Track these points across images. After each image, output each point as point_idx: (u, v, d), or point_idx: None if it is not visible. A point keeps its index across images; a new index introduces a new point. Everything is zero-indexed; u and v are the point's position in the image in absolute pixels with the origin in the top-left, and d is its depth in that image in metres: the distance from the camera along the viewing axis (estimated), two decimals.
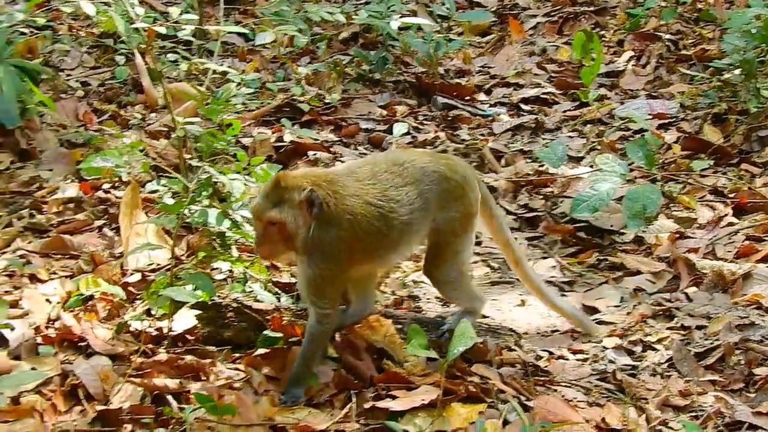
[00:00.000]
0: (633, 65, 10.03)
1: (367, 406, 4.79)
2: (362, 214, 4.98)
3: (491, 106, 9.44)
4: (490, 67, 10.37)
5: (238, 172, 5.75)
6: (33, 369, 4.91)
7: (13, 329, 5.29)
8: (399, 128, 8.53)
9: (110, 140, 7.25)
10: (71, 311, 5.53)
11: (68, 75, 9.49)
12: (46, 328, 5.40)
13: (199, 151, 5.76)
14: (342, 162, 7.84)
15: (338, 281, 5.05)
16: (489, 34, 11.17)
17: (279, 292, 5.75)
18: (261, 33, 7.65)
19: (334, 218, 4.90)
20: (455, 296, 5.48)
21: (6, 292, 5.76)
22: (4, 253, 6.27)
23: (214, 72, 5.98)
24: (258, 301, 5.52)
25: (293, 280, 5.95)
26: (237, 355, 5.27)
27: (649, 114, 8.73)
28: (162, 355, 5.16)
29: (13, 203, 6.95)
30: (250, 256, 5.89)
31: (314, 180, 4.94)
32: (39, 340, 5.26)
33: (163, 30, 5.77)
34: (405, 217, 5.08)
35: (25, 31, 8.87)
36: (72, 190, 7.05)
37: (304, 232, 4.90)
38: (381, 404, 4.79)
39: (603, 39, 10.49)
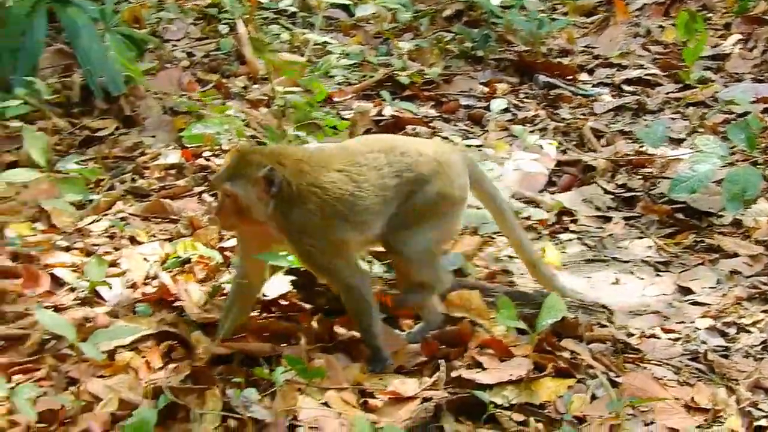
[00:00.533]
0: (740, 49, 9.90)
1: (455, 375, 4.81)
2: (330, 182, 4.88)
3: (593, 86, 9.37)
4: (593, 48, 10.31)
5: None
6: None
7: (111, 287, 5.42)
8: (497, 104, 8.50)
9: (212, 109, 7.32)
10: (169, 272, 5.63)
11: (174, 45, 9.64)
12: (144, 285, 5.51)
13: (296, 120, 5.83)
14: (442, 137, 7.88)
15: (339, 251, 4.94)
16: (594, 15, 11.10)
17: (372, 260, 5.78)
18: (362, 5, 7.69)
19: (298, 196, 4.82)
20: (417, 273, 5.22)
21: (106, 252, 5.88)
22: (105, 215, 6.40)
23: (315, 44, 6.03)
24: None
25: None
26: (331, 321, 5.32)
27: (755, 98, 8.60)
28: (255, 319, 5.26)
29: (116, 167, 7.08)
30: None
31: (278, 158, 4.87)
32: (137, 296, 5.38)
33: (265, 0, 5.83)
34: (377, 181, 4.97)
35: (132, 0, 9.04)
36: (174, 156, 7.16)
37: (260, 209, 4.82)
38: (469, 374, 4.81)
39: (710, 22, 10.38)
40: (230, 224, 5.02)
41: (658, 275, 6.24)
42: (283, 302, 5.36)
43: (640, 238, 6.73)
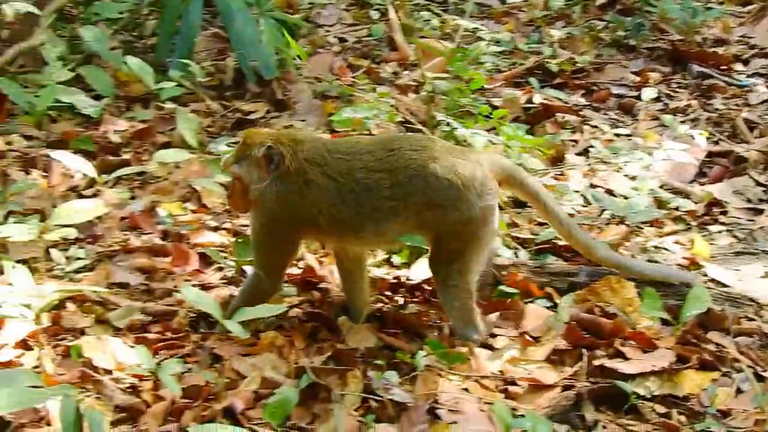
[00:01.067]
0: None
1: (597, 363, 4.78)
2: (315, 183, 4.86)
3: (748, 76, 9.17)
4: (749, 38, 10.07)
5: (488, 130, 5.79)
6: None
7: None
8: (648, 93, 8.38)
9: (362, 93, 7.38)
10: (314, 253, 5.69)
11: (326, 30, 9.73)
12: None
13: (445, 106, 5.84)
14: (591, 126, 7.82)
15: (279, 245, 4.98)
16: (750, 4, 10.86)
17: (518, 247, 5.78)
18: None
19: (289, 176, 4.86)
20: (450, 306, 5.02)
21: None
22: None
23: (466, 30, 6.03)
24: (496, 255, 5.56)
25: (532, 235, 5.98)
26: None
27: None
28: (399, 303, 5.30)
29: None
30: None
31: (278, 138, 4.93)
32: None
33: None
34: (369, 202, 4.85)
35: None
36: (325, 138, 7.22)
37: (257, 188, 4.92)
38: (612, 364, 4.77)
39: None
40: (240, 206, 5.12)
41: None
42: (427, 287, 5.38)
43: None
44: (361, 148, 4.97)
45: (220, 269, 5.64)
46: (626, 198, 6.41)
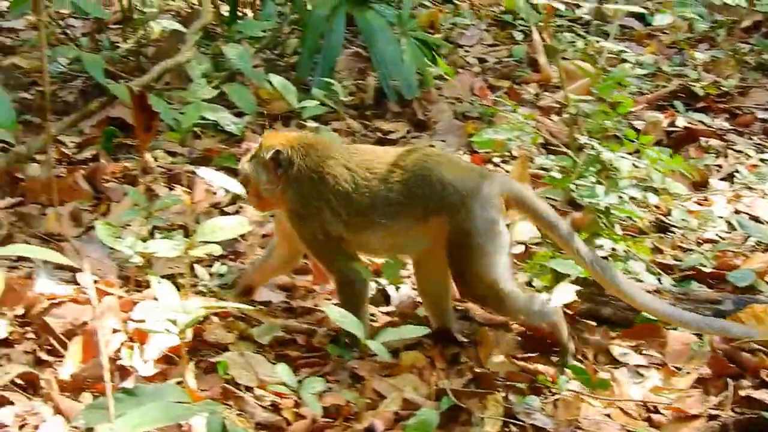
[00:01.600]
0: None
1: (743, 394, 4.67)
2: (331, 174, 4.97)
3: None
4: None
5: (630, 153, 5.71)
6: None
7: (398, 289, 5.50)
8: None
9: (503, 114, 7.33)
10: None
11: (466, 51, 9.72)
12: None
13: (589, 129, 5.77)
14: (736, 151, 7.68)
15: (329, 243, 5.01)
16: None
17: (661, 273, 5.68)
18: (659, 14, 7.53)
19: (303, 177, 4.97)
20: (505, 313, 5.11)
21: None
22: None
23: (609, 52, 5.96)
24: (639, 280, 5.48)
25: (675, 261, 5.89)
26: (613, 334, 5.26)
27: None
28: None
29: None
30: (633, 236, 5.85)
31: (290, 141, 5.03)
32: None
33: (561, 7, 5.81)
34: (381, 193, 4.94)
35: (428, 4, 9.16)
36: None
37: (270, 189, 5.04)
38: (759, 395, 4.65)
39: None
40: (257, 204, 5.20)
41: None
42: (568, 311, 5.32)
43: None
44: (378, 149, 5.25)
45: None
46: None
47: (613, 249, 5.68)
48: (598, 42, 6.10)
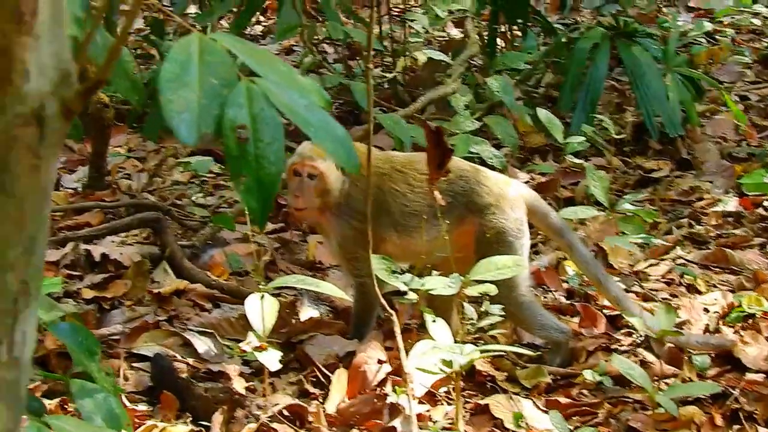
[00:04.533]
0: None
1: None
2: (386, 175, 5.15)
3: None
4: None
5: None
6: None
7: (682, 335, 5.24)
8: None
9: None
10: (730, 326, 5.40)
11: (727, 88, 9.39)
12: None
13: None
14: None
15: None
16: None
17: None
18: None
19: (361, 176, 4.90)
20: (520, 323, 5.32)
21: (663, 298, 5.74)
22: (662, 259, 6.26)
23: None
24: None
25: None
26: None
27: None
28: None
29: (672, 211, 6.95)
30: None
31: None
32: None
33: None
34: (408, 203, 5.14)
35: (702, 41, 8.94)
36: (732, 203, 6.91)
37: (338, 187, 5.07)
38: None
39: None
40: (311, 209, 5.10)
41: None
42: None
43: None
44: (414, 155, 5.46)
45: (629, 334, 5.42)
46: None
47: None
48: None
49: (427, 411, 4.67)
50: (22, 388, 1.72)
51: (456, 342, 4.48)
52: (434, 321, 4.51)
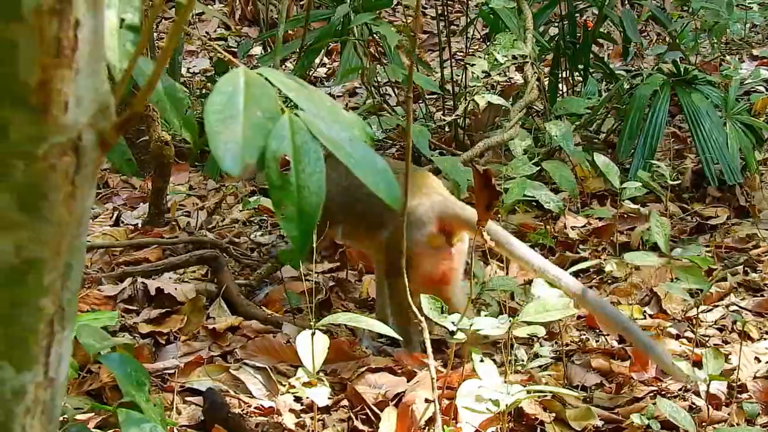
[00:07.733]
0: None
1: None
2: None
3: None
4: None
5: None
6: None
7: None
8: None
9: None
10: None
11: None
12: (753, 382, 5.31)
13: None
14: None
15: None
16: None
17: None
18: None
19: None
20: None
21: (715, 344, 5.72)
22: (716, 306, 6.25)
23: None
24: None
25: None
26: None
27: None
28: None
29: (728, 258, 6.92)
30: None
31: None
32: (744, 396, 5.19)
33: None
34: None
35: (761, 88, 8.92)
36: None
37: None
38: None
39: None
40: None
41: None
42: None
43: None
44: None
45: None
46: None
47: None
48: None
49: None
50: (56, 408, 1.78)
51: (504, 382, 4.50)
52: (482, 360, 4.54)
